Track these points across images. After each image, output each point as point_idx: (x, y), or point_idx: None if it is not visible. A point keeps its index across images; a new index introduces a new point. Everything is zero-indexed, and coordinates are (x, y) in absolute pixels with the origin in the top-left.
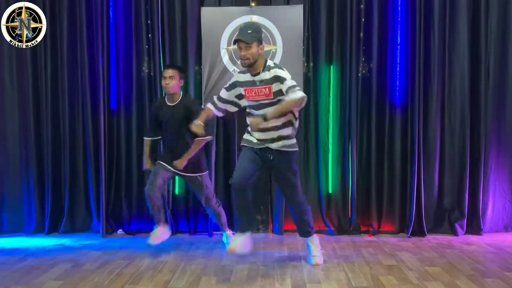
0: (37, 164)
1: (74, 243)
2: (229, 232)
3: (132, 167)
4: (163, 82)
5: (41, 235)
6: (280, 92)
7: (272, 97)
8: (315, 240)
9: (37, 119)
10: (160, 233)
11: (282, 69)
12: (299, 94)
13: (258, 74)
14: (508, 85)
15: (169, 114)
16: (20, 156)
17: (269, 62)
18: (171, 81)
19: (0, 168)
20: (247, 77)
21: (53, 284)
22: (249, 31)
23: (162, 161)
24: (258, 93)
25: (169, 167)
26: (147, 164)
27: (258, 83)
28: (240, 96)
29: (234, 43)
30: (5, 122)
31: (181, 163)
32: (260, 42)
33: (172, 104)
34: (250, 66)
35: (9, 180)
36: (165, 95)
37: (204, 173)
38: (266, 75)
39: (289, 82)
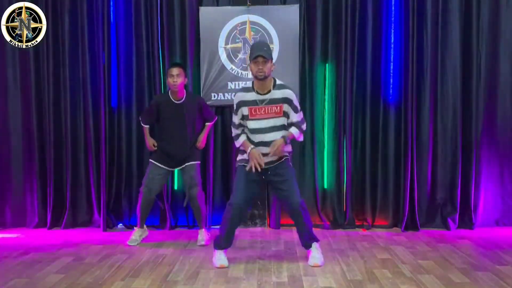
0: (40, 160)
1: (75, 237)
2: (204, 230)
3: (132, 163)
4: (171, 80)
5: (43, 230)
6: (286, 114)
7: (281, 114)
8: (317, 245)
9: (39, 117)
10: (139, 235)
11: (291, 89)
12: (304, 127)
13: (268, 92)
14: (499, 83)
15: (175, 111)
16: (23, 152)
17: (278, 81)
18: (178, 78)
19: (3, 164)
20: (252, 96)
21: (55, 278)
22: (265, 48)
23: (161, 163)
24: (268, 111)
25: (168, 168)
26: (150, 143)
27: (268, 101)
28: (244, 117)
29: (255, 58)
30: (8, 119)
31: (201, 144)
32: (272, 59)
33: (179, 102)
34: (264, 79)
35: (12, 176)
36: (166, 92)
37: (197, 162)
38: (277, 94)
39: (298, 114)
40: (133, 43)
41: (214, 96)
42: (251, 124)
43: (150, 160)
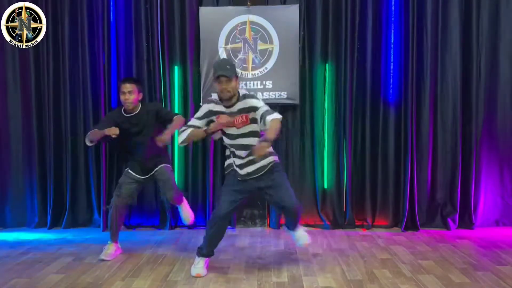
0: (40, 160)
1: (75, 237)
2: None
3: None
4: (122, 97)
5: (44, 229)
6: (254, 120)
7: (249, 122)
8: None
9: (39, 117)
10: (114, 250)
11: (254, 97)
12: (277, 115)
13: (233, 105)
14: (499, 83)
15: (133, 124)
16: (23, 152)
17: (242, 91)
18: (130, 95)
19: (3, 164)
20: (221, 108)
21: (55, 277)
22: (228, 67)
23: (133, 171)
24: (236, 121)
25: (140, 177)
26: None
27: (235, 113)
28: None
29: (216, 79)
30: (9, 119)
31: (166, 136)
32: (236, 76)
33: (132, 114)
34: (230, 99)
35: (12, 176)
36: (120, 108)
37: (167, 165)
38: (241, 105)
39: (263, 108)
40: (133, 43)
41: (214, 96)
42: (228, 130)
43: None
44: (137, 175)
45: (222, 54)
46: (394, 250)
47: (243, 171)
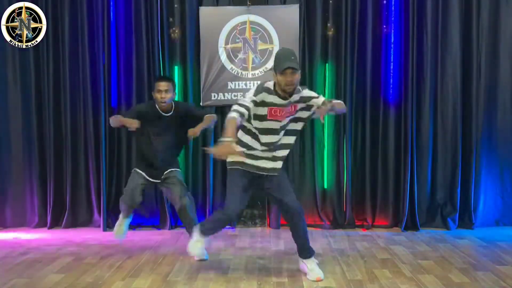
0: (40, 160)
1: (75, 237)
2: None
3: (132, 163)
4: (158, 96)
5: (44, 229)
6: (305, 108)
7: (294, 113)
8: (313, 258)
9: (39, 117)
10: (126, 226)
11: (305, 88)
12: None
13: (289, 97)
14: (499, 83)
15: (164, 124)
16: (23, 152)
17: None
18: (167, 94)
19: (3, 164)
20: (275, 99)
21: (55, 277)
22: (292, 58)
23: (143, 171)
24: (281, 112)
25: (151, 179)
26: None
27: (288, 104)
28: (256, 116)
29: (283, 70)
30: (9, 119)
31: (197, 130)
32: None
33: (167, 115)
34: (292, 92)
35: (12, 176)
36: (152, 103)
37: (180, 169)
38: (296, 98)
39: (321, 97)
40: (133, 43)
41: (214, 96)
42: (266, 124)
43: (133, 169)
44: (146, 176)
45: (222, 54)
46: (394, 250)
47: (257, 163)
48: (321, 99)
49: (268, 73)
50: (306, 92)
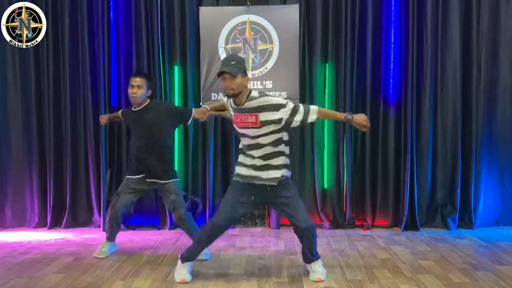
0: (40, 160)
1: (75, 237)
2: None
3: None
4: (130, 91)
5: (44, 229)
6: (271, 122)
7: (259, 125)
8: (320, 261)
9: (39, 117)
10: (108, 248)
11: (272, 96)
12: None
13: (242, 103)
14: (499, 83)
15: (135, 118)
16: (23, 152)
17: (254, 93)
18: (139, 90)
19: (3, 164)
20: (232, 103)
21: (55, 277)
22: (232, 63)
23: (132, 175)
24: (243, 119)
25: (140, 183)
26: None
27: (249, 109)
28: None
29: (218, 76)
30: (9, 119)
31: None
32: (245, 72)
33: (137, 109)
34: (234, 96)
35: (12, 176)
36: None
37: (176, 180)
38: (252, 104)
39: (301, 108)
40: (133, 43)
41: (214, 96)
42: (238, 130)
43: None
44: (136, 180)
45: (222, 54)
46: (394, 250)
47: (248, 171)
48: (290, 106)
49: (269, 73)
50: (267, 100)
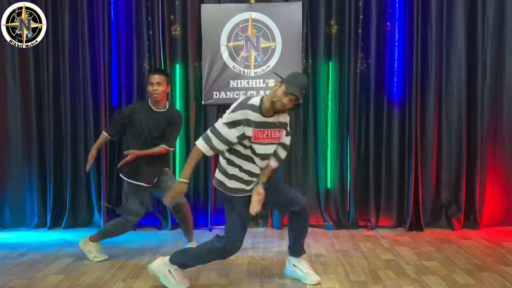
0: (39, 160)
1: (75, 238)
2: (193, 243)
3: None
4: (150, 88)
5: (43, 230)
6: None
7: (278, 142)
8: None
9: (39, 116)
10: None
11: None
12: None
13: (273, 115)
14: (504, 81)
15: (154, 120)
16: (23, 152)
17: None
18: (159, 87)
19: (3, 164)
20: (259, 117)
21: (55, 278)
22: (304, 91)
23: (141, 181)
24: (270, 135)
25: (150, 186)
26: (89, 163)
27: (277, 124)
28: (241, 137)
29: (290, 93)
30: (8, 119)
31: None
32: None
33: (159, 111)
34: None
35: (12, 176)
36: (146, 99)
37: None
38: (282, 118)
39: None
40: (133, 41)
41: (216, 95)
42: (258, 149)
43: (130, 181)
44: (144, 184)
45: (224, 52)
46: (398, 250)
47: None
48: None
49: (269, 72)
50: (286, 115)
